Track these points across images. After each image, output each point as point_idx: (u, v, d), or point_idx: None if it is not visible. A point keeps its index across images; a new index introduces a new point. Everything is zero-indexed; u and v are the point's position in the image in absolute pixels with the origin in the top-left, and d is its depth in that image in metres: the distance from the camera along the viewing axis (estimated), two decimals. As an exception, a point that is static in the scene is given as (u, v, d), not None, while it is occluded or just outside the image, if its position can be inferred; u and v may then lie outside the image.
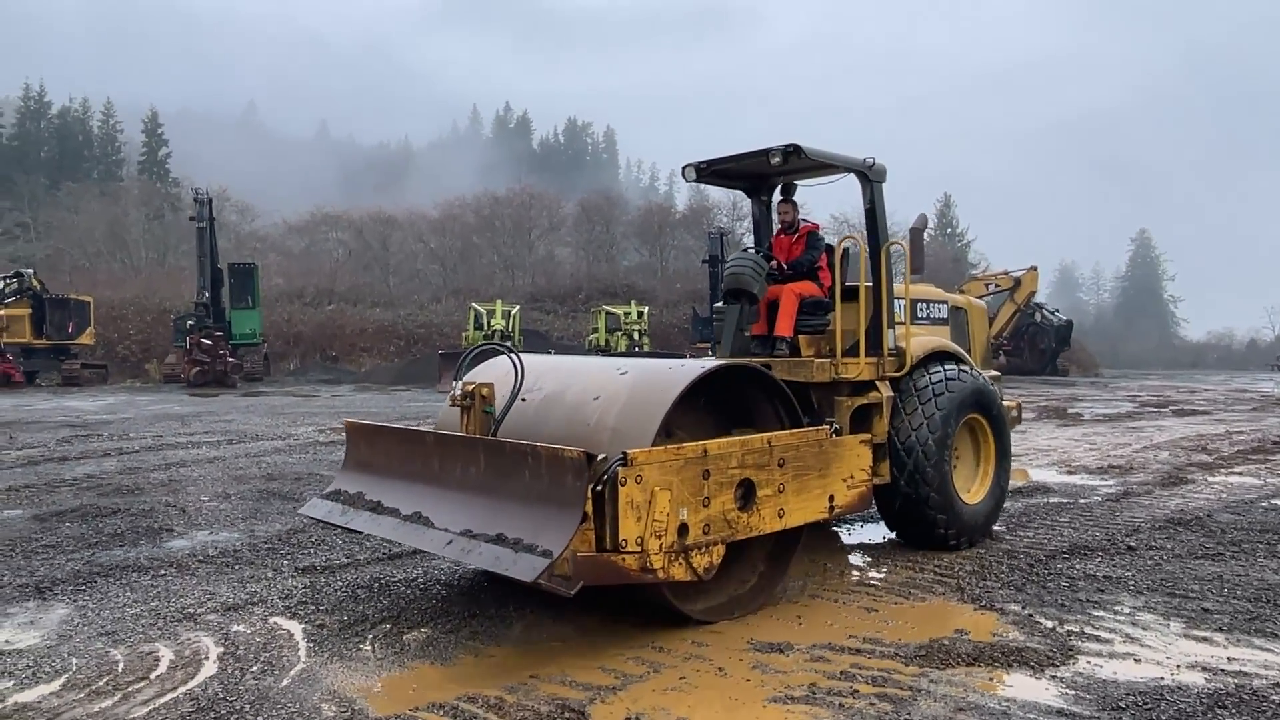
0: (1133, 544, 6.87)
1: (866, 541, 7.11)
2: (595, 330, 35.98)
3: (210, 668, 4.29)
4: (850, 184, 6.92)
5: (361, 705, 3.88)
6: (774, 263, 7.14)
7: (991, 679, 4.17)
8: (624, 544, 4.20)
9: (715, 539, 4.65)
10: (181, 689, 4.04)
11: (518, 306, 35.99)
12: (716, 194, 61.26)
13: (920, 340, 6.82)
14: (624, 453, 4.26)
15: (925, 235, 7.14)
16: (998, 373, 7.95)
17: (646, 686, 4.10)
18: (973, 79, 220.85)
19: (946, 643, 4.60)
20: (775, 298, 6.86)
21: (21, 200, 61.37)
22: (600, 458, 4.30)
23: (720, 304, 7.10)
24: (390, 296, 50.14)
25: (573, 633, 4.88)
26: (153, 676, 4.19)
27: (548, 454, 4.32)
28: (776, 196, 7.64)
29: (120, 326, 37.81)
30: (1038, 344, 41.64)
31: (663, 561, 4.37)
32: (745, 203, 8.17)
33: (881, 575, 6.05)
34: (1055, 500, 8.86)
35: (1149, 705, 3.86)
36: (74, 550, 6.68)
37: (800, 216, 7.40)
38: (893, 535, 6.94)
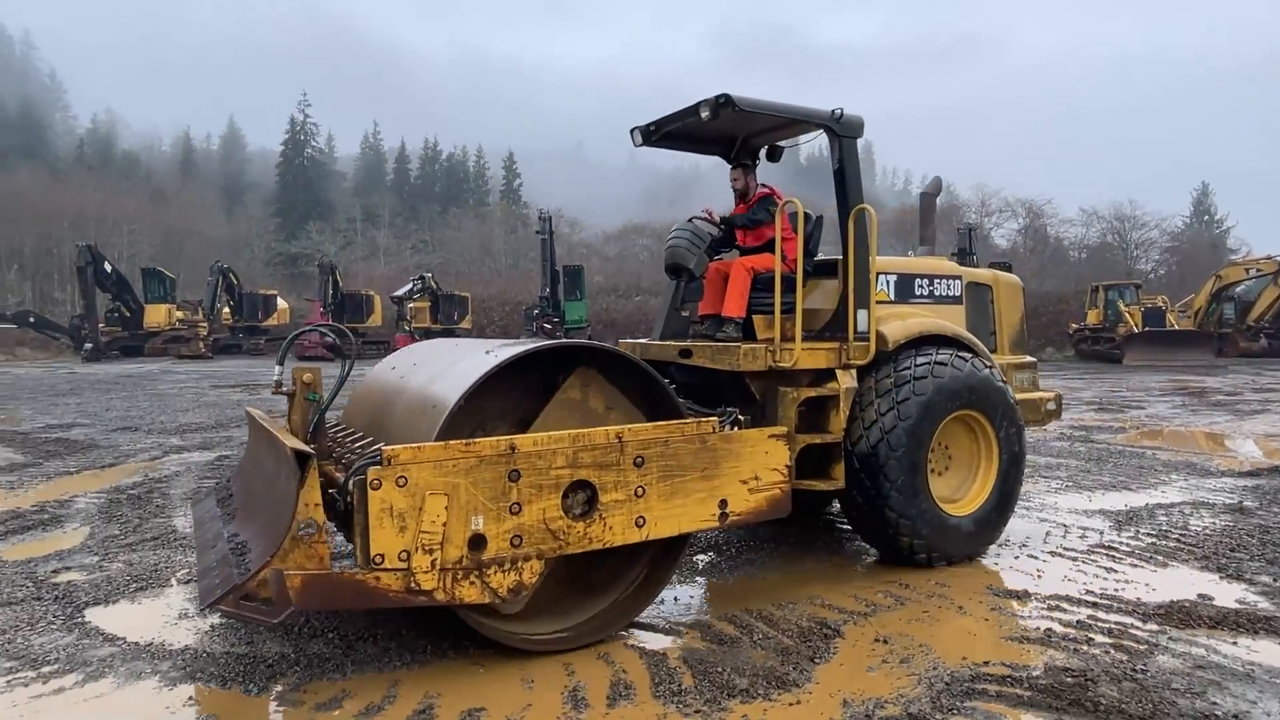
0: None
1: (1108, 508, 6.40)
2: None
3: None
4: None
5: (662, 611, 4.13)
6: (734, 240, 5.43)
7: (1235, 643, 3.65)
8: (379, 559, 3.01)
9: (529, 553, 3.30)
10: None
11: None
12: (967, 193, 56.81)
13: (908, 323, 4.97)
14: (380, 450, 3.09)
15: (939, 201, 5.67)
16: (1031, 359, 6.06)
17: (893, 615, 4.02)
18: (1230, 72, 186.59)
19: (1187, 605, 4.07)
20: (726, 272, 5.13)
21: (423, 223, 69.91)
22: (356, 459, 3.31)
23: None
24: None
25: (830, 567, 4.87)
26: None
27: (281, 450, 3.22)
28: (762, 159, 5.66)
29: (488, 314, 41.96)
30: (1303, 327, 34.68)
31: (438, 580, 3.12)
32: (996, 198, 7.14)
33: (1123, 539, 5.43)
34: (1318, 480, 7.44)
35: None
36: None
37: (761, 182, 5.49)
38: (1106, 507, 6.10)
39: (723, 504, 3.77)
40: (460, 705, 3.08)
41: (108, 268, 31.53)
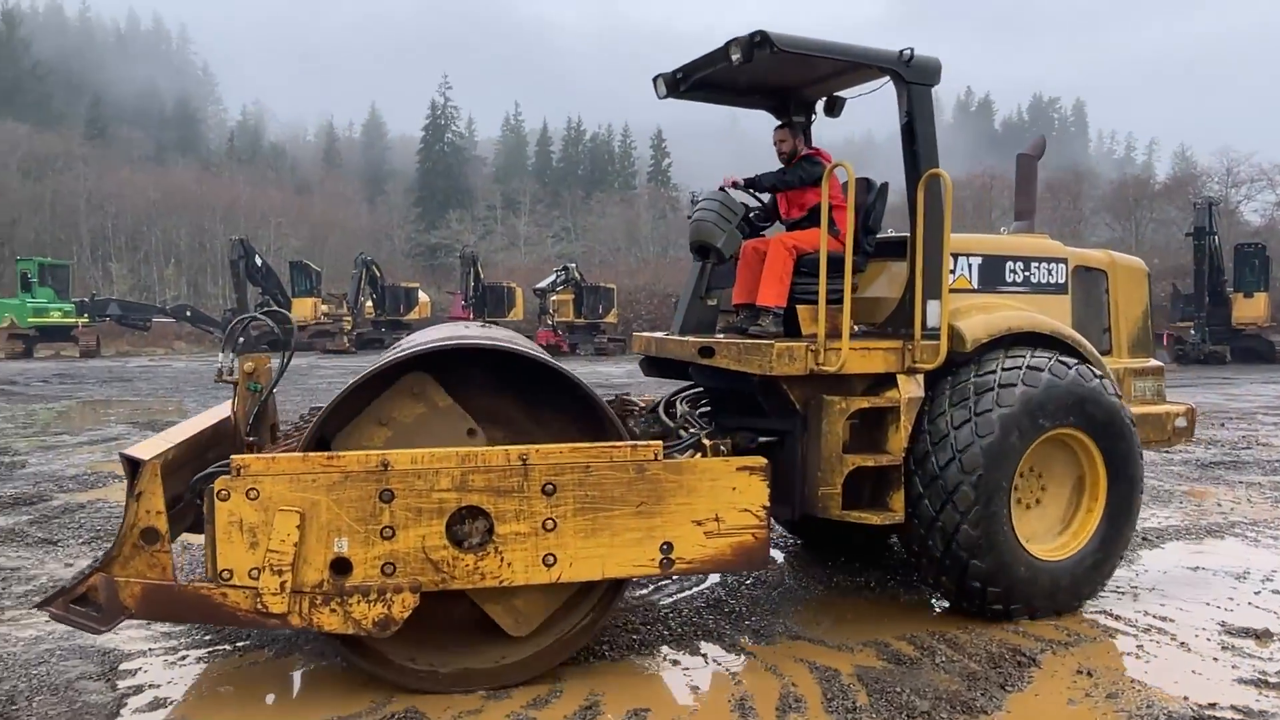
0: None
1: (1383, 542, 5.88)
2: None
3: (715, 577, 5.00)
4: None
5: (839, 626, 4.30)
6: (758, 210, 4.96)
7: None
8: (226, 575, 3.11)
9: (402, 584, 3.24)
10: (696, 589, 4.83)
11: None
12: (1207, 160, 52.29)
13: (992, 317, 4.39)
14: (230, 459, 3.17)
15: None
16: (1156, 363, 5.37)
17: (1099, 647, 3.99)
18: None
19: None
20: (764, 252, 4.56)
21: (566, 209, 72.46)
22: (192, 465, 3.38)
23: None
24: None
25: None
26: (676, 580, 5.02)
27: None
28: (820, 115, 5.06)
29: (634, 308, 43.01)
30: None
31: (290, 604, 3.14)
32: (1246, 164, 6.26)
33: (1399, 579, 5.02)
34: None
35: None
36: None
37: (811, 145, 4.99)
38: None
39: (666, 548, 3.49)
40: (625, 705, 3.39)
41: (258, 261, 34.92)
